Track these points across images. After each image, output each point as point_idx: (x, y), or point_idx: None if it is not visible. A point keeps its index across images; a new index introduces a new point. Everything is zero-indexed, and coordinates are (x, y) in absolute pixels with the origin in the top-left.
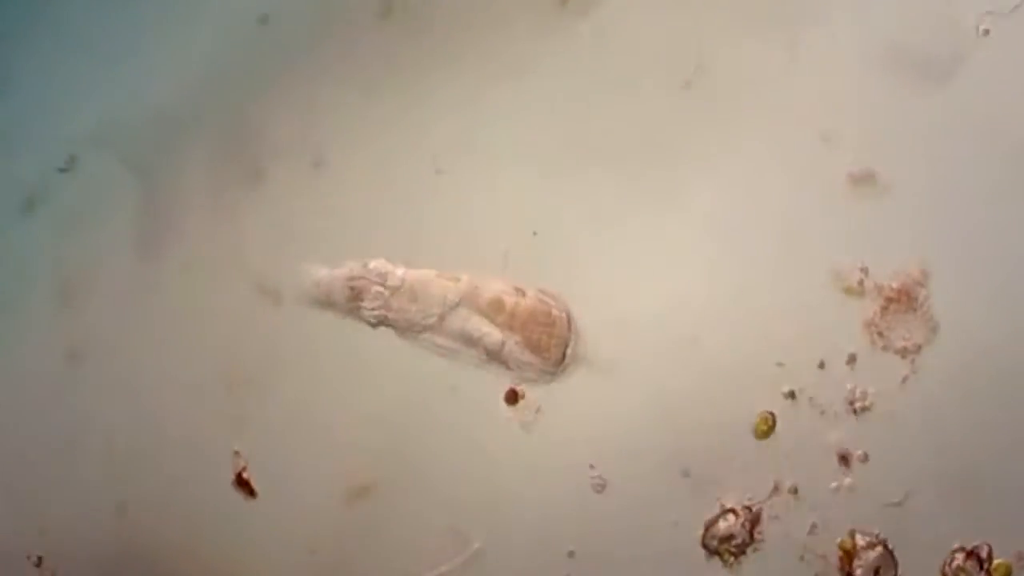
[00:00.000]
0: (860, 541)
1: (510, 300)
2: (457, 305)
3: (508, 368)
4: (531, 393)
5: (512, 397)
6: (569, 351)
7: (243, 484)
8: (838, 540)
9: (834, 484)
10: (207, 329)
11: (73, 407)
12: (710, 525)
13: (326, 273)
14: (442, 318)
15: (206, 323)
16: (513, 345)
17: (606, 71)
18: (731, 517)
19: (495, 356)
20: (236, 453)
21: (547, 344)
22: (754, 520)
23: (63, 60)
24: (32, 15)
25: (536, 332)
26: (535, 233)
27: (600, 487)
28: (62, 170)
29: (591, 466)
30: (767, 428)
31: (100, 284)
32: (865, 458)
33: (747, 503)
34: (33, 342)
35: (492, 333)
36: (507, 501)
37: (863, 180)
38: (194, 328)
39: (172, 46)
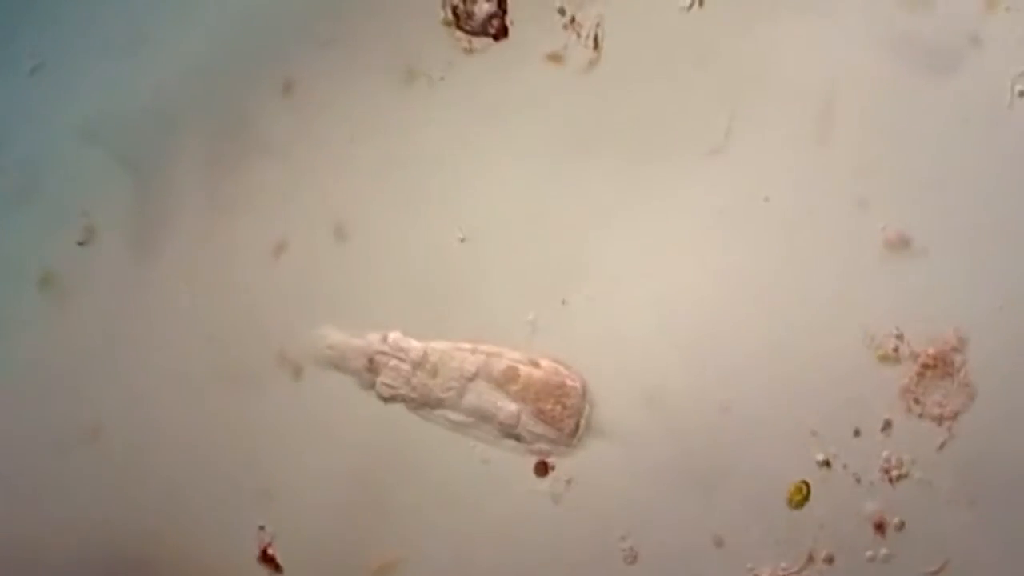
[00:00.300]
0: None
1: (524, 370)
2: (474, 377)
3: (521, 441)
4: (561, 465)
5: (543, 469)
6: (583, 422)
7: (268, 560)
8: None
9: (870, 553)
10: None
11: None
12: None
13: (341, 338)
14: (459, 393)
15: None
16: (527, 417)
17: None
18: None
19: (509, 430)
20: (261, 528)
21: (560, 415)
22: None
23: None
24: (22, 9)
25: (549, 403)
26: (564, 302)
27: (631, 558)
28: (80, 243)
29: (622, 537)
30: (801, 497)
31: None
32: (901, 526)
33: (781, 573)
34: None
35: (506, 407)
36: (538, 574)
37: (898, 245)
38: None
39: (173, 42)
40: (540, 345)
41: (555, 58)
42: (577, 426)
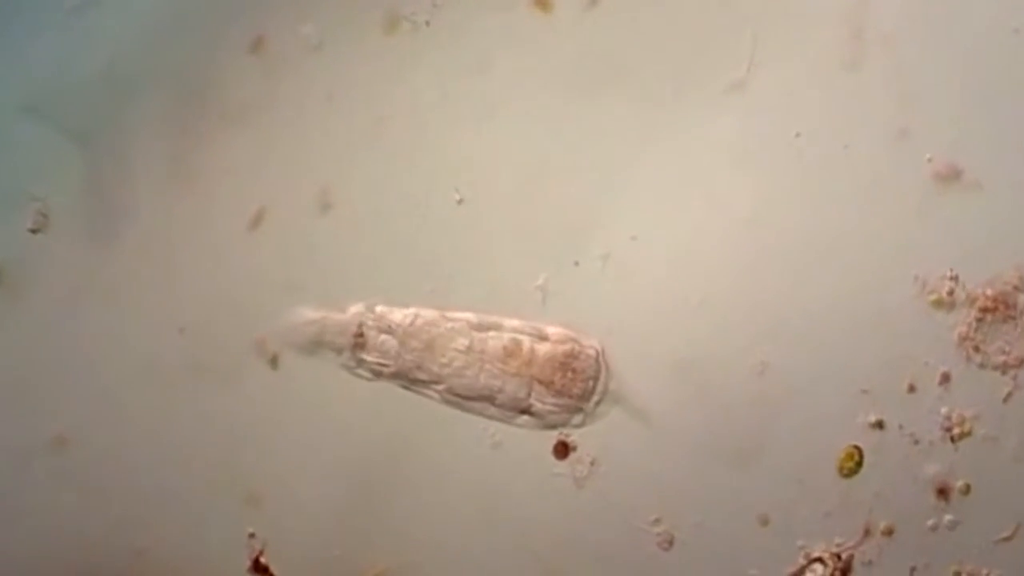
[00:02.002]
0: None
1: (527, 343)
2: (471, 350)
3: (534, 415)
4: (583, 445)
5: (562, 450)
6: (599, 386)
7: (261, 570)
8: None
9: (932, 521)
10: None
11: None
12: None
13: (321, 313)
14: (458, 369)
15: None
16: (536, 389)
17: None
18: (818, 567)
19: (518, 405)
20: (251, 535)
21: (571, 382)
22: (845, 569)
23: None
24: None
25: (558, 374)
26: (576, 263)
27: (667, 543)
28: (32, 231)
29: (655, 521)
30: (854, 464)
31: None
32: (967, 490)
33: (836, 550)
34: None
35: (510, 382)
36: (562, 568)
37: (947, 177)
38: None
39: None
40: (552, 312)
41: None
42: (591, 390)
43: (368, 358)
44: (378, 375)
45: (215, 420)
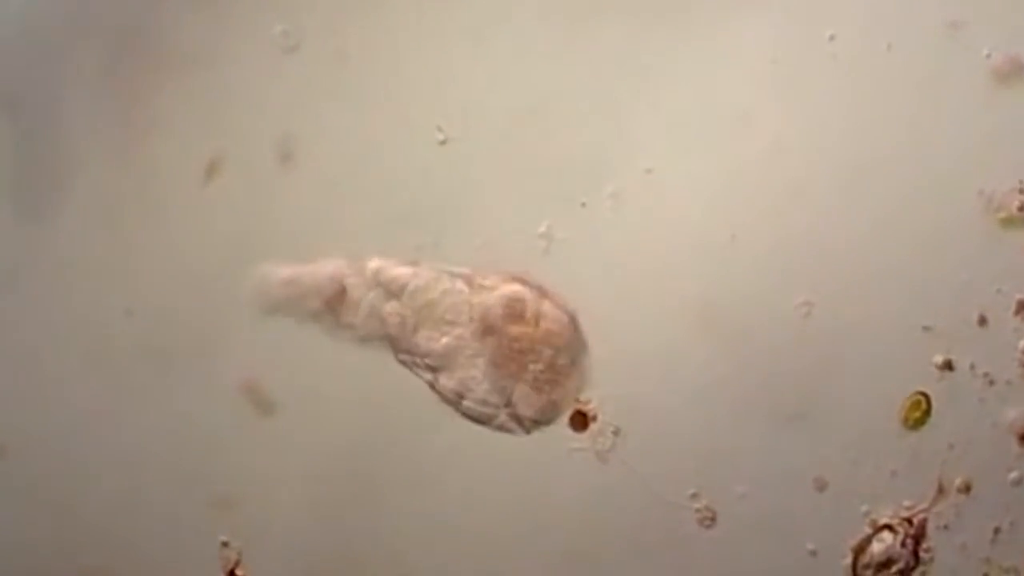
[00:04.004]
0: None
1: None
2: (470, 320)
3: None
4: (605, 413)
5: (581, 421)
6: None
7: None
8: None
9: (1015, 474)
10: None
11: None
12: (860, 549)
13: (296, 271)
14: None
15: None
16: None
17: None
18: (887, 535)
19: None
20: (224, 544)
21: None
22: (918, 535)
23: None
24: None
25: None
26: (584, 204)
27: (709, 520)
28: None
29: (694, 495)
30: (920, 413)
31: None
32: None
33: (906, 514)
34: None
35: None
36: (590, 555)
37: (1009, 73)
38: None
39: None
40: (558, 262)
41: None
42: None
43: (351, 320)
44: (366, 339)
45: (174, 414)
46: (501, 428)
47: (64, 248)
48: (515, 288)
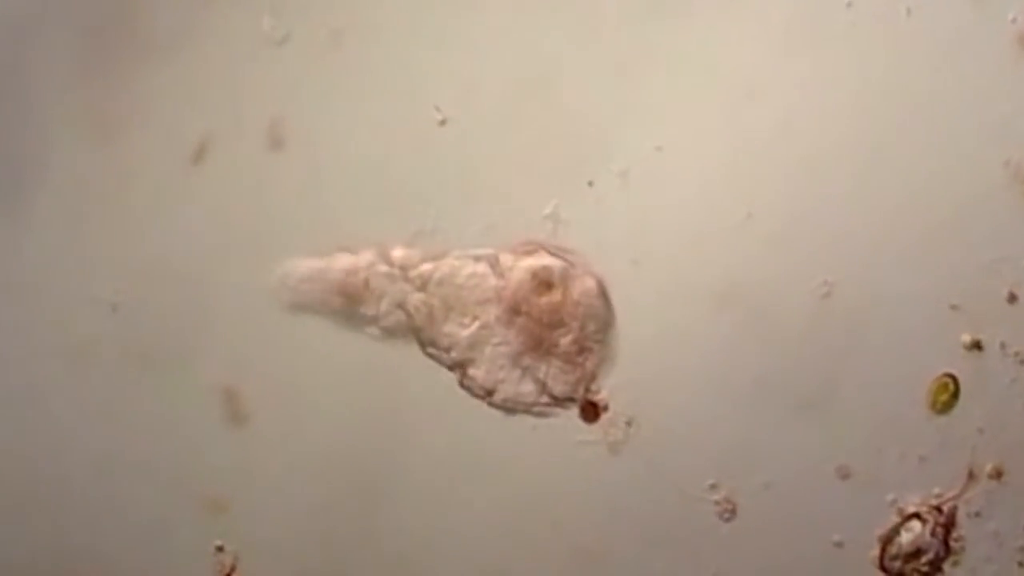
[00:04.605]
0: None
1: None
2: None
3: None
4: (616, 402)
5: (591, 412)
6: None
7: None
8: None
9: None
10: None
11: None
12: (888, 540)
13: (314, 266)
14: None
15: None
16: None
17: None
18: (916, 524)
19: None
20: (219, 549)
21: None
22: (948, 523)
23: None
24: None
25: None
26: (591, 183)
27: (729, 512)
28: None
29: (712, 486)
30: (948, 396)
31: None
32: None
33: (935, 502)
34: None
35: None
36: (604, 552)
37: None
38: None
39: None
40: (565, 244)
41: None
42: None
43: (373, 312)
44: (392, 333)
45: (163, 415)
46: (541, 415)
47: (40, 243)
48: (539, 257)
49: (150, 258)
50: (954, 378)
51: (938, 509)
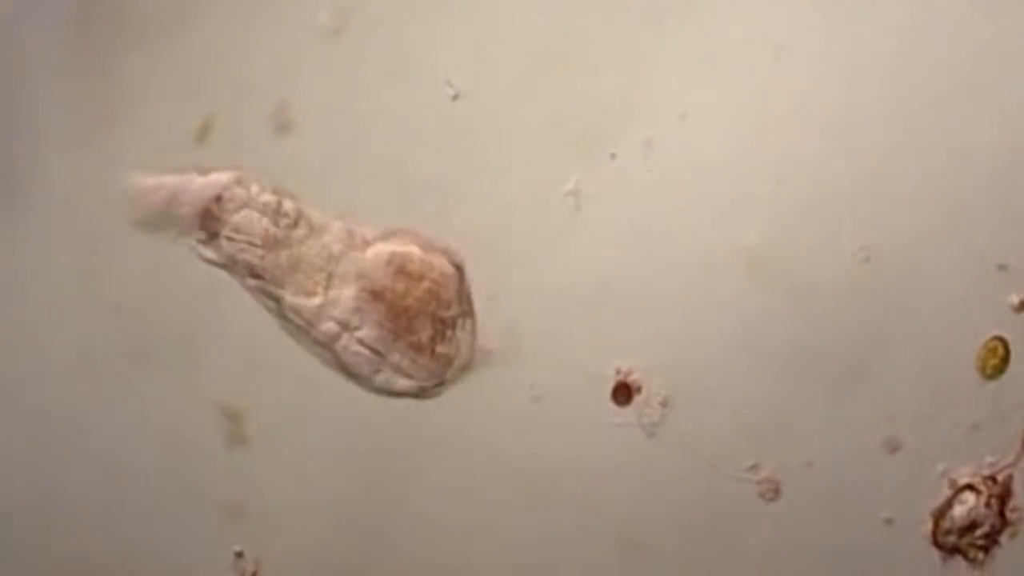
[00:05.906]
0: None
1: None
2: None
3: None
4: (650, 383)
5: (624, 394)
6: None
7: None
8: None
9: None
10: None
11: None
12: (941, 514)
13: (161, 179)
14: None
15: None
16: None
17: None
18: (969, 496)
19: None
20: (239, 555)
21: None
22: (1003, 494)
23: None
24: None
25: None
26: (613, 156)
27: (772, 492)
28: None
29: (753, 467)
30: (998, 360)
31: None
32: None
33: (988, 471)
34: None
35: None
36: (642, 537)
37: None
38: None
39: None
40: (590, 221)
41: None
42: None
43: (232, 237)
44: (232, 263)
45: (172, 418)
46: (384, 384)
47: (38, 242)
48: (401, 242)
49: (154, 253)
50: (1003, 341)
51: (992, 479)
